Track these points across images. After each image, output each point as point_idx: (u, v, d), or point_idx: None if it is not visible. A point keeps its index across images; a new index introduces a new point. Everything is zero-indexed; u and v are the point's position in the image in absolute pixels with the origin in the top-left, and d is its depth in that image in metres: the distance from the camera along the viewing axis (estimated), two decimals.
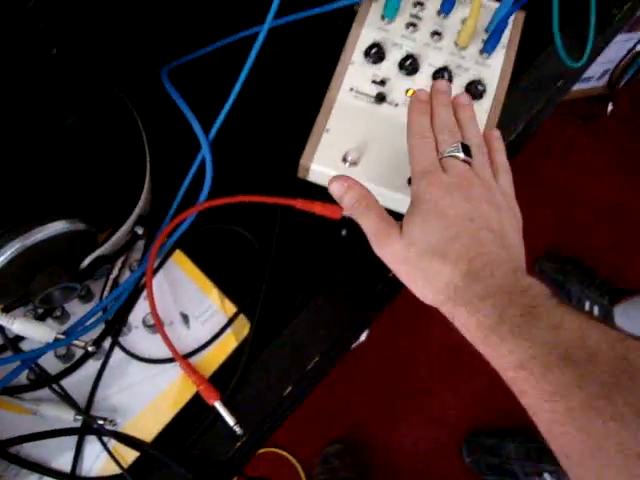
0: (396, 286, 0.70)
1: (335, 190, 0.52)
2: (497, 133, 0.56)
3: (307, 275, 0.63)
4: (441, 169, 0.49)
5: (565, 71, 0.76)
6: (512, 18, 0.67)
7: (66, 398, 0.55)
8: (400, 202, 0.61)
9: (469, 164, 0.50)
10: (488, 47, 0.66)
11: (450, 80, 0.65)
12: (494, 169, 0.52)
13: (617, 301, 1.57)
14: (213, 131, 0.60)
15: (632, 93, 1.78)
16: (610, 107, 1.64)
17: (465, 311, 0.44)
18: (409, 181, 0.61)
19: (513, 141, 0.72)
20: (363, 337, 1.38)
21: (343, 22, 0.68)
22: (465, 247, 0.45)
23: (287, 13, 0.67)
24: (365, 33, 0.66)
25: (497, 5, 0.69)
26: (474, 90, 0.64)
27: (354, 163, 0.61)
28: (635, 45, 1.44)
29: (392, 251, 0.48)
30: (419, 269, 0.46)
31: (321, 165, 0.61)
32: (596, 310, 1.59)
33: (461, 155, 0.50)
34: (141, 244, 0.62)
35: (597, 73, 1.60)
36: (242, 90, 0.60)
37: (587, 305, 1.60)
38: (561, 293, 1.64)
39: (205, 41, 0.68)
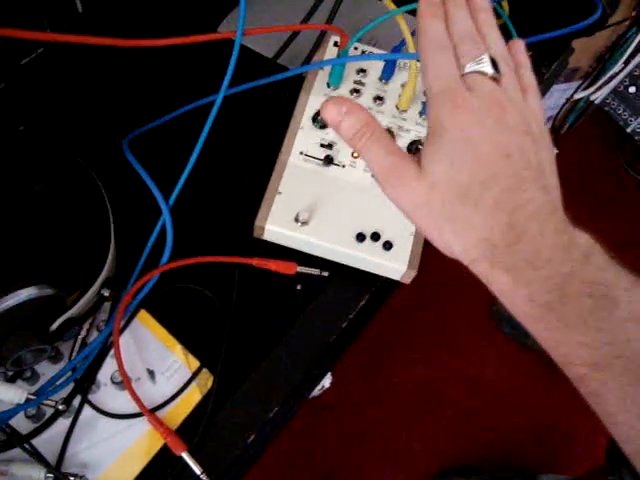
0: (351, 335, 0.75)
1: (330, 116, 0.41)
2: (522, 45, 0.44)
3: (265, 329, 0.67)
4: (465, 87, 0.39)
5: None
6: None
7: (37, 457, 0.57)
8: (350, 257, 0.66)
9: (498, 82, 0.39)
10: (427, 110, 0.72)
11: None
12: (522, 88, 0.41)
13: None
14: (173, 196, 0.65)
15: (576, 137, 1.87)
16: (555, 151, 1.71)
17: (509, 278, 0.36)
18: (357, 237, 0.66)
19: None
20: (327, 383, 1.39)
21: (292, 89, 0.73)
22: (504, 192, 0.36)
23: (240, 82, 0.71)
24: (312, 100, 0.71)
25: None
26: (416, 150, 0.70)
27: (305, 222, 0.65)
28: (573, 94, 1.52)
29: (408, 194, 0.39)
30: (444, 217, 0.37)
31: (275, 225, 0.65)
32: None
33: (490, 70, 0.39)
34: (108, 305, 0.65)
35: None
36: (200, 155, 0.64)
37: None
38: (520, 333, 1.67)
39: (164, 110, 0.73)
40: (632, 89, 1.65)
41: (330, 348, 0.68)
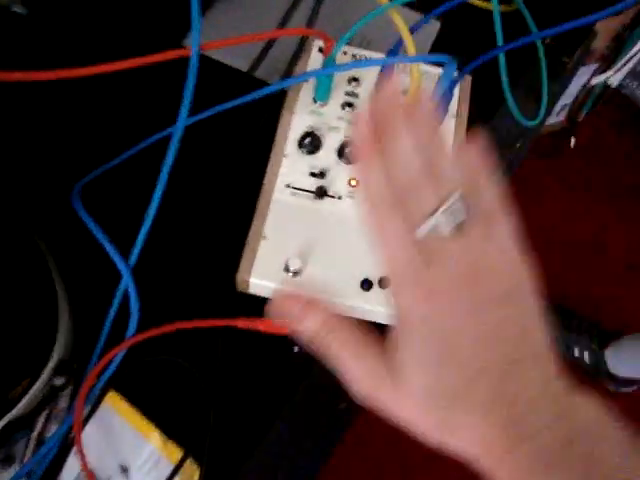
0: None
1: (286, 314, 0.37)
2: (476, 147, 0.36)
3: (260, 402, 0.56)
4: (425, 261, 0.33)
5: (522, 130, 0.70)
6: (457, 85, 0.61)
7: None
8: (356, 310, 0.54)
9: (460, 235, 0.34)
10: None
11: None
12: (488, 218, 0.35)
13: (606, 345, 1.51)
14: (134, 254, 0.53)
15: (593, 124, 1.75)
16: (573, 141, 1.59)
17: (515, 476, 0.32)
18: (363, 284, 0.54)
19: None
20: None
21: (272, 108, 0.62)
22: (494, 387, 0.32)
23: (212, 103, 0.60)
24: (296, 120, 0.59)
25: (439, 71, 0.63)
26: None
27: (298, 272, 0.53)
28: (590, 78, 1.40)
29: (386, 403, 0.34)
30: (432, 424, 0.33)
31: (261, 278, 0.54)
32: (586, 356, 1.52)
33: (446, 230, 0.33)
34: (68, 389, 0.54)
35: (556, 109, 1.57)
36: (164, 199, 0.53)
37: (576, 352, 1.53)
38: None
39: (118, 149, 0.61)
40: None
41: (340, 417, 0.57)
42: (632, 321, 1.60)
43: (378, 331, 0.44)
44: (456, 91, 0.61)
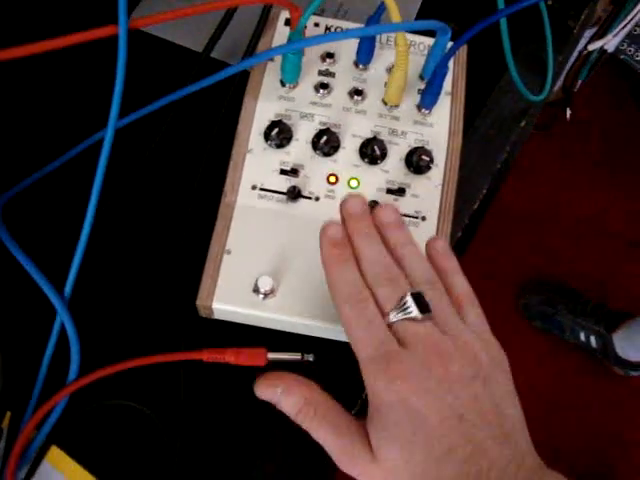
0: None
1: (265, 398, 0.38)
2: (443, 244, 0.42)
3: (233, 447, 0.47)
4: (396, 343, 0.35)
5: (527, 106, 0.60)
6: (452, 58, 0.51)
7: None
8: (339, 334, 0.45)
9: (430, 319, 0.36)
10: (427, 100, 0.50)
11: (384, 152, 0.49)
12: (456, 304, 0.38)
13: (614, 328, 1.43)
14: (69, 284, 0.43)
15: (589, 94, 1.66)
16: (569, 112, 1.50)
17: None
18: None
19: (477, 209, 0.56)
20: None
21: (233, 95, 0.52)
22: (462, 465, 0.33)
23: (154, 95, 0.50)
24: (262, 108, 0.49)
25: (430, 41, 0.53)
26: (418, 162, 0.48)
27: (270, 292, 0.44)
28: (585, 45, 1.30)
29: (363, 477, 0.35)
30: None
31: (226, 303, 0.44)
32: (593, 341, 1.45)
33: (417, 315, 0.35)
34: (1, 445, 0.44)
35: None
36: (103, 213, 0.43)
37: (582, 336, 1.46)
38: (552, 326, 1.48)
39: (38, 160, 0.51)
40: None
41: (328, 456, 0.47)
42: (638, 298, 1.53)
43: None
44: (451, 64, 0.52)
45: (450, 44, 0.48)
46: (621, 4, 1.23)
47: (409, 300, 0.36)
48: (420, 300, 0.36)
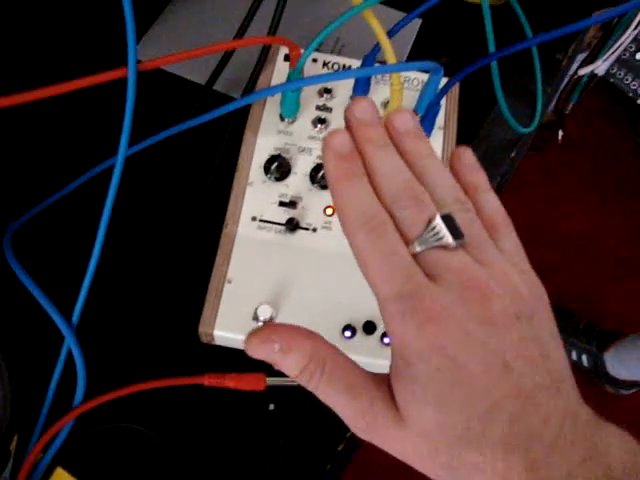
0: (349, 456, 0.56)
1: (261, 357, 0.31)
2: (470, 156, 0.34)
3: (234, 470, 0.48)
4: (425, 279, 0.28)
5: (517, 137, 0.63)
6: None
7: None
8: None
9: (463, 247, 0.29)
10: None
11: None
12: (490, 227, 0.31)
13: (605, 347, 1.45)
14: (77, 311, 0.45)
15: (580, 116, 1.69)
16: (561, 134, 1.53)
17: None
18: (345, 330, 0.47)
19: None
20: None
21: (234, 129, 0.54)
22: (513, 422, 0.28)
23: (160, 126, 0.52)
24: (261, 142, 0.51)
25: (424, 77, 0.55)
26: None
27: (269, 321, 0.46)
28: (576, 71, 1.33)
29: (389, 443, 0.30)
30: (441, 465, 0.29)
31: (226, 330, 0.46)
32: (585, 360, 1.46)
33: (450, 242, 0.28)
34: (7, 469, 0.46)
35: None
36: (109, 241, 0.45)
37: (574, 355, 1.47)
38: None
39: (48, 188, 0.53)
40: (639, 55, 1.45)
41: (329, 478, 0.50)
42: (629, 316, 1.55)
43: None
44: (443, 100, 0.54)
45: (443, 80, 0.51)
46: (610, 30, 1.26)
47: (439, 223, 0.29)
48: (451, 223, 0.29)
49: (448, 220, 0.29)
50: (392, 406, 0.29)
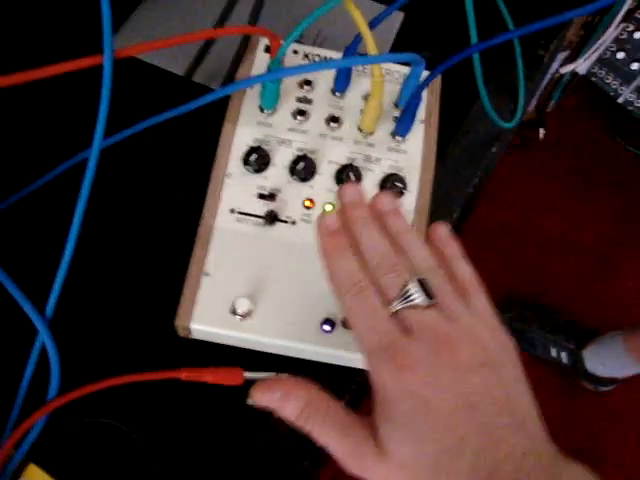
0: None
1: (265, 404, 0.36)
2: (444, 230, 0.41)
3: (212, 465, 0.47)
4: (401, 334, 0.34)
5: (498, 132, 0.62)
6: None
7: None
8: (318, 355, 0.46)
9: (435, 306, 0.34)
10: (401, 128, 0.52)
11: (359, 178, 0.50)
12: (461, 290, 0.37)
13: (584, 344, 1.46)
14: (50, 304, 0.44)
15: (561, 115, 1.70)
16: (542, 132, 1.54)
17: None
18: (324, 324, 0.46)
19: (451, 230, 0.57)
20: None
21: (213, 120, 0.53)
22: (478, 455, 0.31)
23: (137, 117, 0.51)
24: (240, 134, 0.51)
25: (406, 70, 0.55)
26: (391, 187, 0.50)
27: (247, 314, 0.45)
28: (557, 69, 1.34)
29: (373, 476, 0.33)
30: None
31: (204, 324, 0.46)
32: (564, 356, 1.47)
33: (422, 302, 0.34)
34: None
35: None
36: (84, 234, 0.44)
37: (554, 352, 1.48)
38: (523, 342, 1.51)
39: (20, 180, 0.52)
40: (620, 55, 1.46)
41: (307, 474, 0.49)
42: (608, 314, 1.56)
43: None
44: (425, 93, 0.53)
45: (425, 73, 0.50)
46: (592, 29, 1.26)
47: (413, 287, 0.34)
48: (424, 286, 0.34)
49: (422, 284, 0.34)
50: (376, 443, 0.33)
